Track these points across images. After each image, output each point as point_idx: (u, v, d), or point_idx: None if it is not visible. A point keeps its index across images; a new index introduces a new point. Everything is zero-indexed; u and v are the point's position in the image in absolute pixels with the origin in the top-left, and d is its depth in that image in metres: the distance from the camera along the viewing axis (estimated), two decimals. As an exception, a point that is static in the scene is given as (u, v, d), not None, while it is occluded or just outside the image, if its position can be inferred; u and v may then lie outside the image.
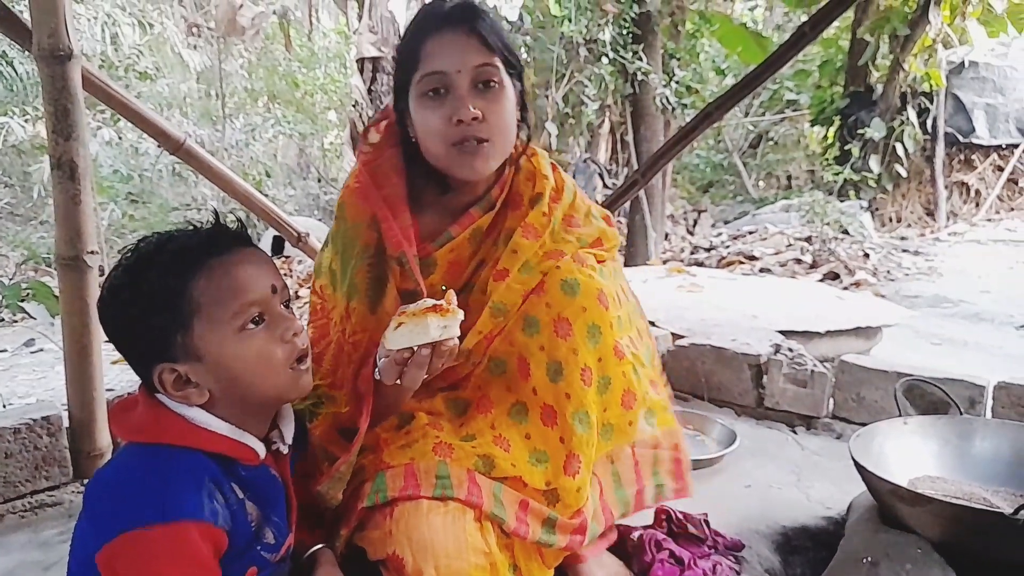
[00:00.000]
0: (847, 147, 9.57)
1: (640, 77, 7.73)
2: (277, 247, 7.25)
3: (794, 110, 12.17)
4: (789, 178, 12.94)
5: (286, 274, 6.93)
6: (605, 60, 7.70)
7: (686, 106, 8.12)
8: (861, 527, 1.47)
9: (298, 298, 6.03)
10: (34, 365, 4.49)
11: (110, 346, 1.06)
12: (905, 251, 8.00)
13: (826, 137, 10.72)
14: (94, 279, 1.80)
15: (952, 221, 9.72)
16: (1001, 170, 9.96)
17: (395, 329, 1.09)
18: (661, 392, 1.42)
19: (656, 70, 7.83)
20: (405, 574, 1.08)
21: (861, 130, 9.34)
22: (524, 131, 1.34)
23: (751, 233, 8.49)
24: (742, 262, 7.26)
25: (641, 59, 7.68)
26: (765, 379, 2.36)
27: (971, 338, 4.84)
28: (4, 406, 2.93)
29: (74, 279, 1.79)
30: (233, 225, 1.05)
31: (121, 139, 8.40)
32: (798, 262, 7.11)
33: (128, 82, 8.87)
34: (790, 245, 7.69)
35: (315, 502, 1.20)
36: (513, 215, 1.35)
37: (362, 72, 6.39)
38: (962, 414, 1.72)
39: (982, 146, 9.90)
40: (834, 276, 6.67)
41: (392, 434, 1.24)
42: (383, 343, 1.12)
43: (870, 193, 9.52)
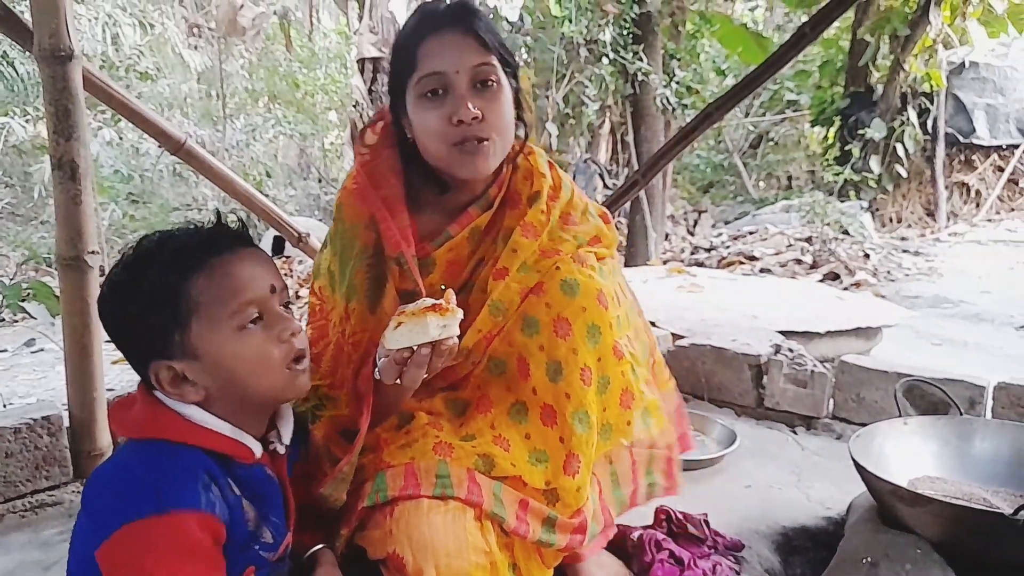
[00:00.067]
0: (847, 147, 9.57)
1: (640, 77, 7.73)
2: (277, 247, 7.26)
3: (794, 110, 12.18)
4: (789, 178, 12.95)
5: (286, 274, 6.93)
6: (605, 60, 7.70)
7: (686, 106, 8.12)
8: (861, 527, 1.47)
9: (298, 298, 6.03)
10: (34, 365, 4.49)
11: (110, 346, 1.06)
12: (905, 251, 8.00)
13: (826, 137, 10.73)
14: (95, 279, 1.80)
15: (952, 221, 9.72)
16: (1001, 170, 9.95)
17: (394, 329, 1.09)
18: (655, 392, 1.43)
19: (656, 70, 7.83)
20: (405, 573, 1.08)
21: (861, 130, 9.34)
22: (521, 129, 1.34)
23: (751, 233, 8.50)
24: (742, 262, 7.26)
25: (641, 59, 7.69)
26: (765, 379, 2.36)
27: (971, 338, 4.84)
28: (4, 406, 2.93)
29: (75, 279, 1.79)
30: (234, 225, 1.05)
31: (122, 139, 8.41)
32: (798, 262, 7.11)
33: (129, 82, 8.87)
34: (790, 245, 7.69)
35: (315, 503, 1.20)
36: (511, 214, 1.35)
37: (363, 72, 6.39)
38: (962, 414, 1.72)
39: (982, 146, 9.90)
40: (834, 276, 6.67)
41: (392, 434, 1.24)
42: (382, 343, 1.12)
43: (870, 193, 9.52)
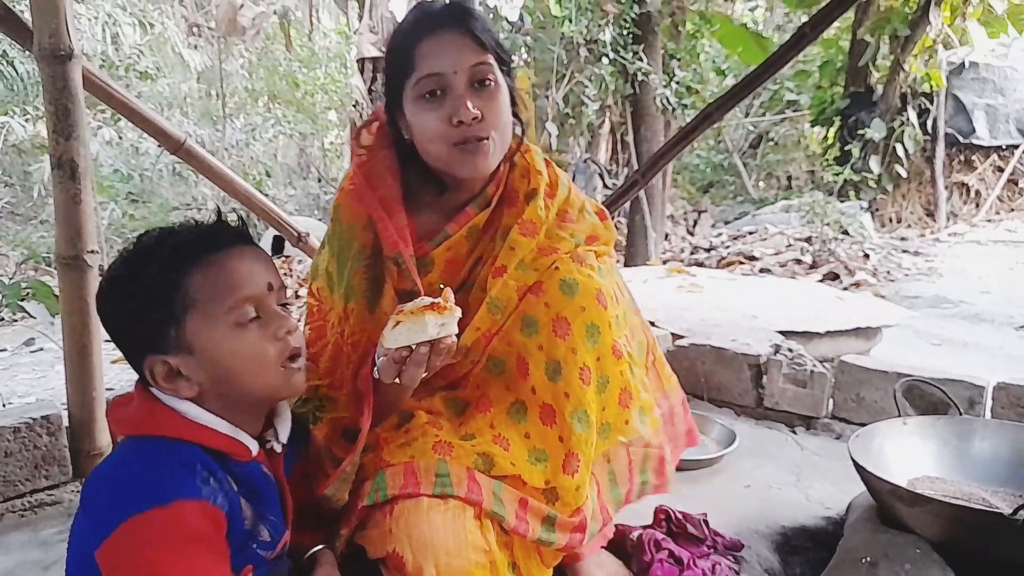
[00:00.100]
0: (847, 148, 9.57)
1: (640, 77, 7.73)
2: (277, 247, 7.25)
3: (794, 110, 12.17)
4: (789, 178, 12.94)
5: (286, 274, 6.93)
6: (605, 60, 7.69)
7: (686, 106, 8.12)
8: (860, 527, 1.47)
9: (298, 298, 6.03)
10: (34, 364, 4.49)
11: (110, 345, 1.06)
12: (905, 252, 8.00)
13: (826, 138, 10.72)
14: (94, 278, 1.80)
15: (952, 222, 9.72)
16: (1001, 171, 9.95)
17: (393, 328, 1.09)
18: (650, 392, 1.43)
19: (656, 70, 7.83)
20: (405, 572, 1.08)
21: (861, 131, 9.34)
22: (518, 127, 1.34)
23: (751, 233, 8.49)
24: (742, 262, 7.26)
25: (641, 59, 7.68)
26: (765, 379, 2.36)
27: (971, 339, 4.84)
28: (4, 405, 2.93)
29: (74, 278, 1.79)
30: (234, 222, 1.06)
31: (121, 139, 8.41)
32: (798, 262, 7.11)
33: (128, 82, 8.87)
34: (790, 245, 7.69)
35: (316, 503, 1.20)
36: (509, 212, 1.35)
37: (362, 72, 6.39)
38: (961, 414, 1.72)
39: (982, 147, 9.90)
40: (834, 276, 6.67)
41: (392, 433, 1.24)
42: (381, 342, 1.12)
43: (870, 194, 9.52)
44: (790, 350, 2.40)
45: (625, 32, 7.67)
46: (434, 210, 1.34)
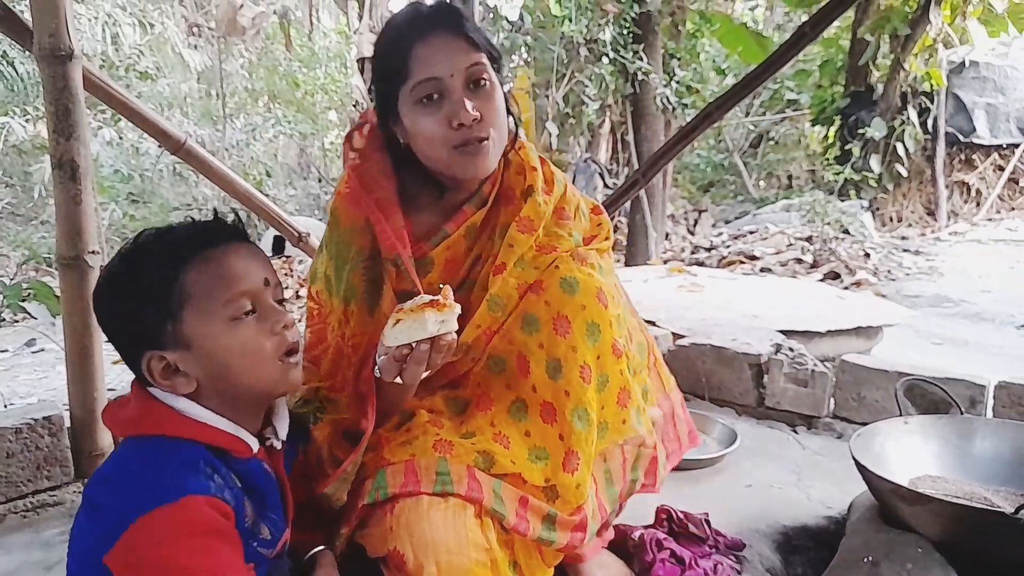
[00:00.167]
0: (848, 147, 9.57)
1: (641, 77, 7.73)
2: (278, 247, 7.26)
3: (795, 110, 12.17)
4: (790, 178, 12.94)
5: (287, 274, 6.93)
6: (605, 60, 7.69)
7: (686, 106, 8.12)
8: (862, 526, 1.47)
9: (298, 298, 6.03)
10: (35, 365, 4.50)
11: (111, 346, 1.06)
12: (906, 251, 8.00)
13: (827, 137, 10.72)
14: (95, 279, 1.79)
15: (953, 221, 9.72)
16: (1002, 170, 9.95)
17: (393, 326, 1.09)
18: (650, 392, 1.43)
19: (657, 70, 7.83)
20: (406, 570, 1.07)
21: (862, 130, 9.34)
22: (511, 124, 1.34)
23: (752, 233, 8.49)
24: (743, 262, 7.26)
25: (642, 59, 7.68)
26: (766, 379, 2.36)
27: (972, 338, 4.84)
28: (5, 406, 2.93)
29: (75, 279, 1.79)
30: (230, 220, 1.06)
31: (122, 139, 8.41)
32: (799, 262, 7.11)
33: (129, 82, 8.87)
34: (791, 245, 7.69)
35: (315, 502, 1.20)
36: (506, 210, 1.35)
37: (363, 72, 6.39)
38: (963, 414, 1.72)
39: (983, 146, 9.90)
40: (835, 276, 6.67)
41: (392, 432, 1.24)
42: (382, 340, 1.12)
43: (871, 193, 9.52)
44: (791, 349, 2.40)
45: (625, 31, 7.67)
46: (431, 210, 1.34)
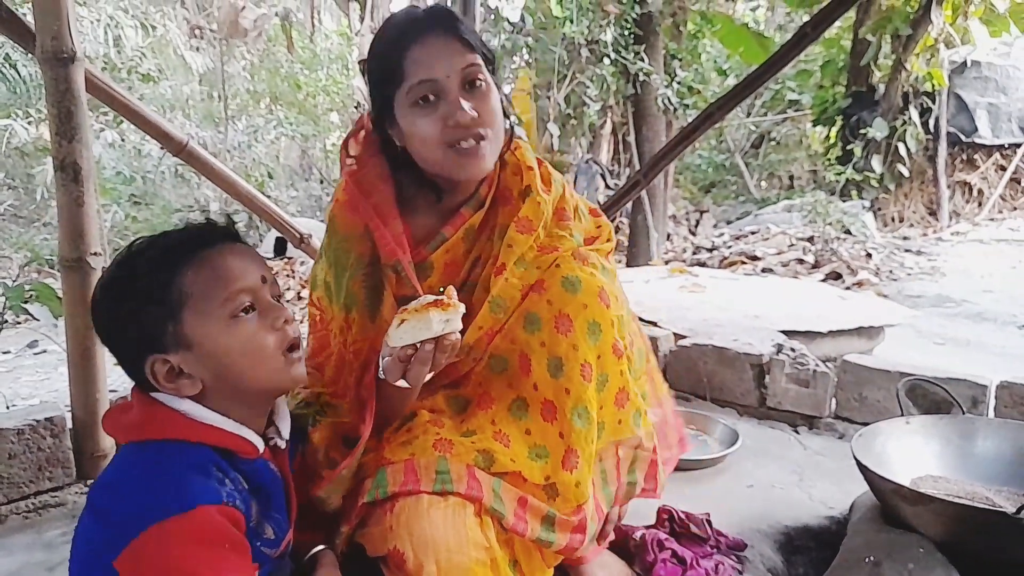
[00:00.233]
0: (849, 147, 9.56)
1: (642, 78, 7.73)
2: (280, 248, 7.27)
3: (796, 110, 12.17)
4: (791, 178, 12.93)
5: (288, 275, 6.94)
6: (607, 61, 7.69)
7: (688, 106, 8.12)
8: (863, 527, 1.47)
9: (300, 299, 6.04)
10: (37, 366, 4.51)
11: (112, 350, 1.06)
12: (908, 251, 7.99)
13: (828, 137, 10.71)
14: (97, 280, 1.80)
15: (955, 221, 9.70)
16: (1004, 169, 9.94)
17: (397, 326, 1.09)
18: (648, 395, 1.43)
19: (658, 71, 7.83)
20: (406, 569, 1.08)
21: (863, 130, 9.33)
22: (507, 125, 1.34)
23: (753, 233, 8.48)
24: (744, 262, 7.25)
25: (643, 60, 7.68)
26: (767, 379, 2.36)
27: (974, 338, 4.84)
28: (8, 407, 2.94)
29: (77, 280, 1.80)
30: (221, 222, 1.06)
31: (124, 141, 8.43)
32: (800, 262, 7.10)
33: (131, 84, 8.89)
34: (792, 245, 7.69)
35: (314, 503, 1.20)
36: (504, 211, 1.35)
37: (364, 74, 6.40)
38: (964, 414, 1.72)
39: (984, 145, 9.88)
40: (836, 276, 6.67)
41: (393, 431, 1.24)
42: (386, 341, 1.12)
43: (872, 193, 9.51)
44: (792, 350, 2.40)
45: (626, 32, 7.67)
46: (429, 213, 1.34)
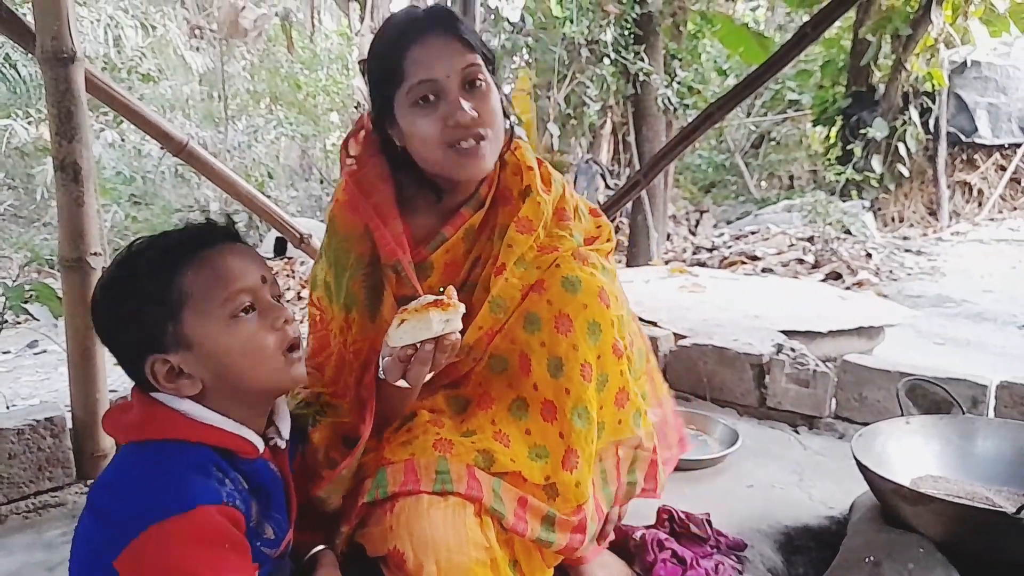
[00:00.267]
0: (849, 147, 9.56)
1: (642, 78, 7.73)
2: (280, 248, 7.27)
3: (796, 110, 12.17)
4: (791, 178, 12.93)
5: (288, 275, 6.94)
6: (607, 61, 7.69)
7: (688, 106, 8.12)
8: (863, 526, 1.47)
9: (300, 299, 6.04)
10: (37, 366, 4.50)
11: (112, 350, 1.06)
12: (908, 251, 7.99)
13: (828, 137, 10.71)
14: (97, 280, 1.80)
15: (955, 221, 9.71)
16: (1004, 169, 9.94)
17: (398, 326, 1.09)
18: (648, 395, 1.43)
19: (658, 71, 7.83)
20: (406, 569, 1.07)
21: (863, 130, 9.33)
22: (506, 126, 1.33)
23: (753, 233, 8.48)
24: (744, 262, 7.25)
25: (643, 60, 7.68)
26: (767, 379, 2.36)
27: (974, 338, 4.84)
28: (8, 407, 2.94)
29: (77, 280, 1.80)
30: (221, 221, 1.06)
31: (124, 141, 8.43)
32: (800, 262, 7.10)
33: (131, 84, 8.89)
34: (792, 245, 7.68)
35: (314, 503, 1.20)
36: (504, 211, 1.35)
37: (364, 74, 6.40)
38: (964, 414, 1.72)
39: (984, 145, 9.89)
40: (836, 276, 6.66)
41: (393, 432, 1.24)
42: (386, 342, 1.12)
43: (872, 193, 9.51)
44: (792, 350, 2.40)
45: (626, 32, 7.67)
46: (429, 213, 1.34)
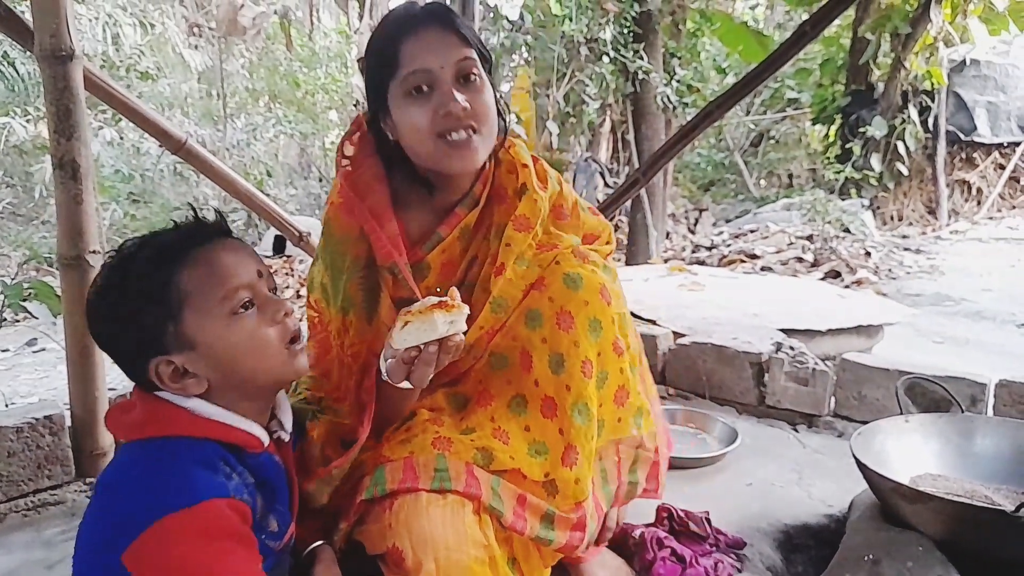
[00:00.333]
0: (848, 145, 9.56)
1: (641, 76, 7.73)
2: (279, 247, 7.27)
3: (795, 108, 12.16)
4: (790, 176, 12.94)
5: (288, 273, 6.94)
6: (606, 59, 7.69)
7: (687, 105, 8.13)
8: (863, 525, 1.47)
9: (299, 297, 6.04)
10: (36, 364, 4.50)
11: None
12: (907, 249, 8.00)
13: (827, 135, 10.71)
14: (96, 278, 1.80)
15: (954, 219, 9.72)
16: (1003, 168, 9.95)
17: (401, 328, 1.08)
18: (650, 394, 1.43)
19: (657, 69, 7.83)
20: (405, 567, 1.07)
21: (862, 128, 9.33)
22: (500, 123, 1.33)
23: (752, 232, 8.49)
24: (743, 260, 7.26)
25: (642, 58, 7.68)
26: (766, 377, 2.36)
27: (973, 336, 4.84)
28: (7, 405, 2.94)
29: (76, 278, 1.79)
30: (211, 218, 1.06)
31: (123, 139, 8.43)
32: (799, 260, 7.11)
33: (129, 82, 8.89)
34: (791, 243, 7.69)
35: (304, 496, 1.20)
36: (500, 209, 1.35)
37: (363, 72, 6.40)
38: (963, 412, 1.72)
39: (983, 144, 9.90)
40: (835, 274, 6.67)
41: (393, 430, 1.24)
42: (388, 344, 1.11)
43: (871, 191, 9.52)
44: (792, 348, 2.40)
45: (626, 31, 7.67)
46: (424, 213, 1.33)
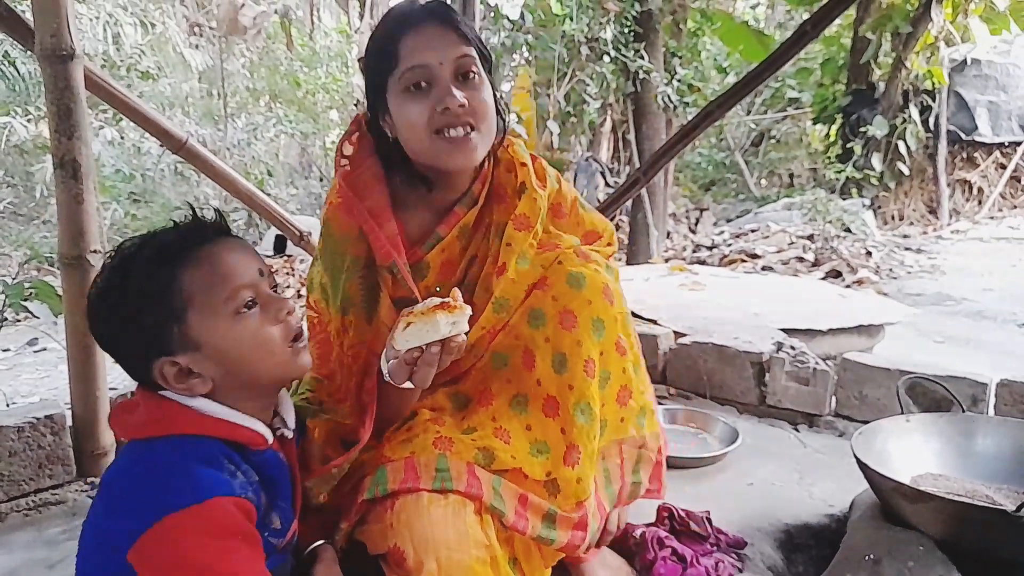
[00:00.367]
0: (849, 145, 9.55)
1: (642, 75, 7.73)
2: (279, 246, 7.27)
3: (796, 108, 12.16)
4: (791, 176, 12.93)
5: (288, 273, 6.94)
6: (607, 59, 7.69)
7: (688, 104, 8.12)
8: (863, 524, 1.47)
9: (300, 297, 6.04)
10: (37, 364, 4.50)
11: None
12: (908, 249, 7.99)
13: (828, 135, 10.70)
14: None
15: (955, 219, 9.71)
16: (1004, 168, 9.94)
17: (404, 329, 1.08)
18: (651, 394, 1.44)
19: (658, 68, 7.83)
20: (406, 567, 1.07)
21: (863, 128, 9.33)
22: (500, 123, 1.33)
23: (753, 231, 8.48)
24: (744, 260, 7.25)
25: (643, 57, 7.68)
26: (767, 377, 2.36)
27: (974, 336, 4.83)
28: (8, 405, 2.94)
29: (77, 278, 1.80)
30: (211, 217, 1.06)
31: (123, 139, 8.43)
32: (800, 260, 7.10)
33: (130, 82, 8.89)
34: (792, 243, 7.68)
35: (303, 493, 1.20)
36: (499, 208, 1.35)
37: (363, 70, 6.39)
38: (964, 412, 1.71)
39: (984, 144, 9.89)
40: (836, 274, 6.67)
41: (394, 430, 1.24)
42: (390, 344, 1.11)
43: (872, 191, 9.51)
44: (792, 348, 2.40)
45: (626, 30, 7.67)
46: (423, 213, 1.33)
